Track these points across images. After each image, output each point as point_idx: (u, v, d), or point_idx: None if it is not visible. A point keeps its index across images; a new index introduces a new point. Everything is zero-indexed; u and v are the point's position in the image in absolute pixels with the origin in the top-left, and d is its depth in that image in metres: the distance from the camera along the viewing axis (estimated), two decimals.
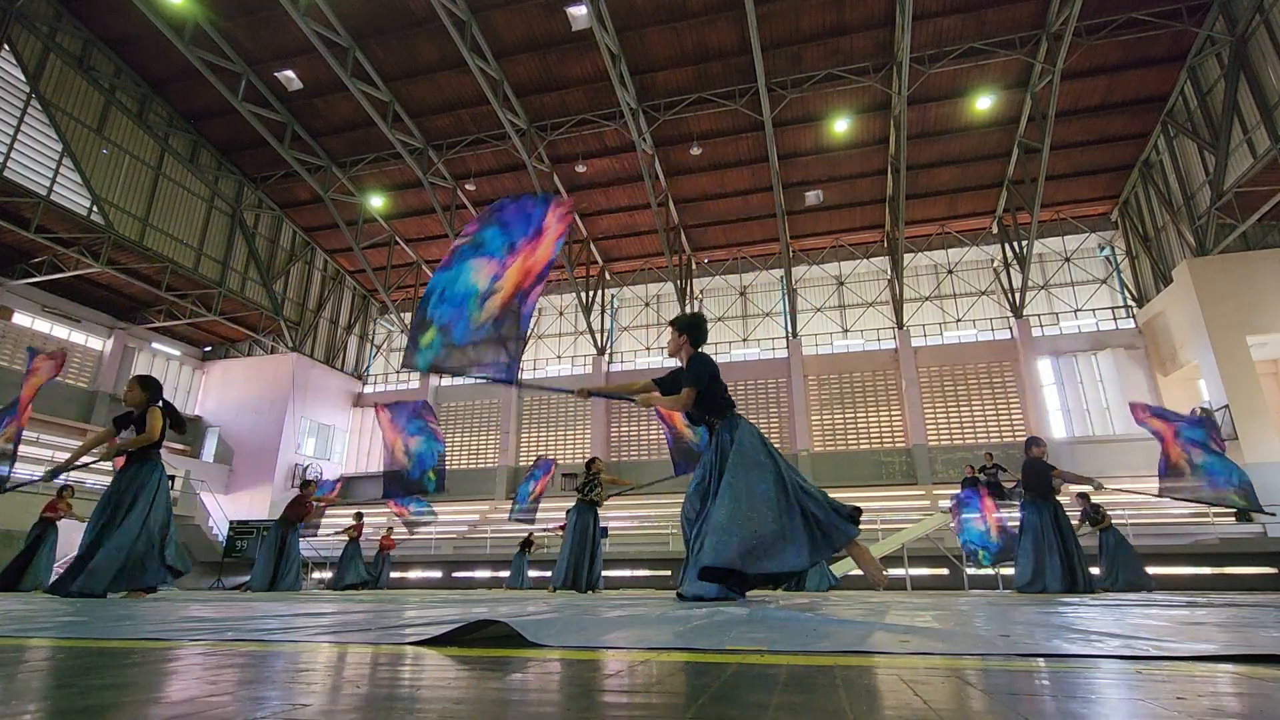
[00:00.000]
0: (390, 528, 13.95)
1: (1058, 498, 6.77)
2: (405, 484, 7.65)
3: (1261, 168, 12.78)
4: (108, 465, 5.75)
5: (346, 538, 12.26)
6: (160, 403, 4.92)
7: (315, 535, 11.80)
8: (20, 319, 16.97)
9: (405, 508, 12.23)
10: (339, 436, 23.07)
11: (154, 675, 1.02)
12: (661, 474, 21.55)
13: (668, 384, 3.98)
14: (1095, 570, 8.02)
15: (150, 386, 4.90)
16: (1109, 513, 8.99)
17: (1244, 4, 13.08)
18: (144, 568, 4.62)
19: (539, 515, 12.97)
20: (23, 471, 13.85)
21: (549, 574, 9.50)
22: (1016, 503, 8.88)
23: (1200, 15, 13.79)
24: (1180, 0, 13.66)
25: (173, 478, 15.92)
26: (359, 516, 12.61)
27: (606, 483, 7.95)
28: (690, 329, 3.88)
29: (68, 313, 17.93)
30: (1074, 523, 8.27)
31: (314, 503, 9.53)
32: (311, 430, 21.86)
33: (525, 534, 14.36)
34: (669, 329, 3.98)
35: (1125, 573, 8.30)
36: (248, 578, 9.66)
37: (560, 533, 11.18)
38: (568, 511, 8.07)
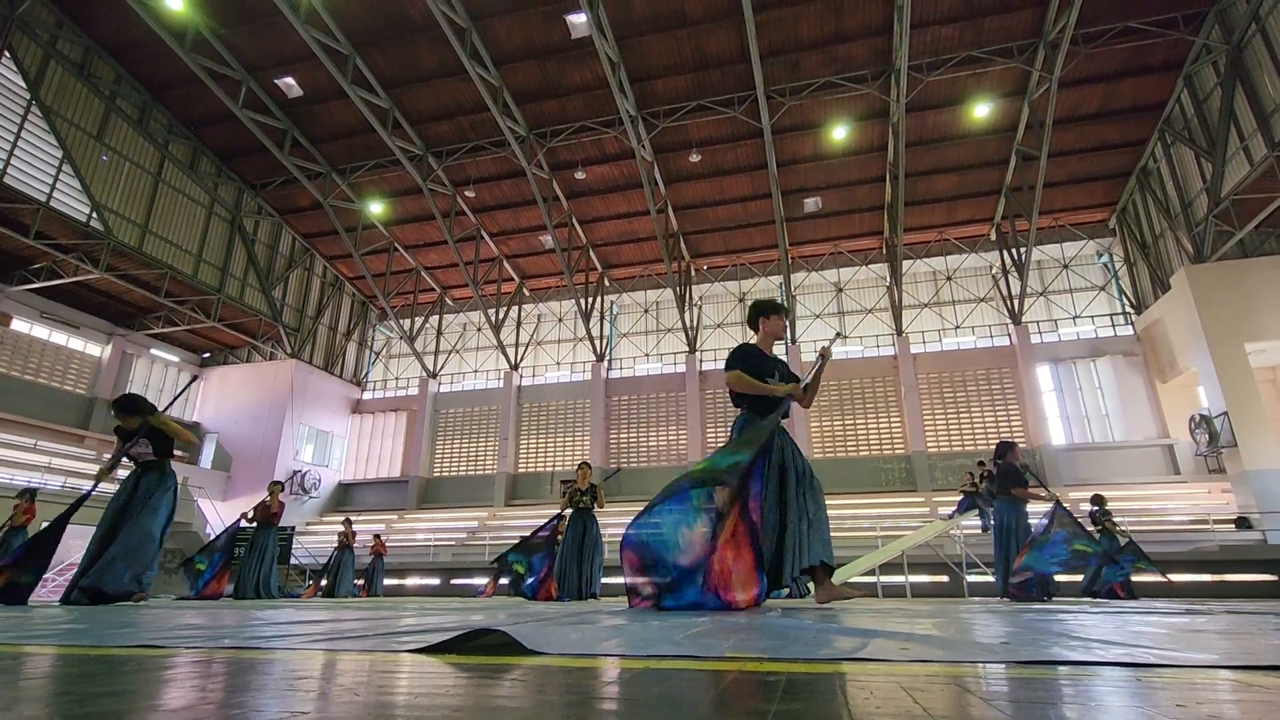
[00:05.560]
0: (377, 534, 13.90)
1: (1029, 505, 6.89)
2: None
3: (1258, 175, 12.83)
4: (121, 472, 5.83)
5: (338, 546, 12.17)
6: (159, 411, 4.99)
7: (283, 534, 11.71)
8: (19, 325, 16.95)
9: None
10: (337, 443, 23.01)
11: (152, 683, 1.02)
12: (662, 481, 21.63)
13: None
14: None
15: (142, 408, 4.93)
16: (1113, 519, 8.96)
17: (1240, 13, 13.16)
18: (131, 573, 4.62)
19: (530, 522, 12.95)
20: (21, 478, 13.82)
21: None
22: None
23: (1197, 24, 13.86)
24: (1177, 9, 13.73)
25: None
26: (348, 523, 12.50)
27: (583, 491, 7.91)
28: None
29: (66, 319, 17.92)
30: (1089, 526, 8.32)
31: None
32: (310, 436, 21.81)
33: (517, 540, 14.29)
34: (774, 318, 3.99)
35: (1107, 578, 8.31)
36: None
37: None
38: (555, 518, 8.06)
